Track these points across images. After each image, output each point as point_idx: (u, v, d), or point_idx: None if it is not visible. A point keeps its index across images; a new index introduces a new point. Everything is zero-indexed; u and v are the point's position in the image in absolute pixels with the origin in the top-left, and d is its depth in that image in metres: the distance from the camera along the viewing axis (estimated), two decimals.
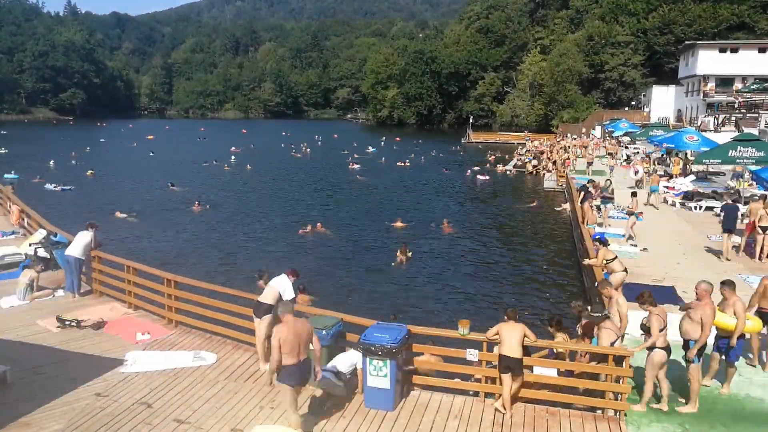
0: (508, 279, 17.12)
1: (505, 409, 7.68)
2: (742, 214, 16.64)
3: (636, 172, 27.90)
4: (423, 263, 18.41)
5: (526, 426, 7.47)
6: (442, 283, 16.49)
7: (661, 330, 7.82)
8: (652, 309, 7.91)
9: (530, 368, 8.04)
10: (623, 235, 17.59)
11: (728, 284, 8.51)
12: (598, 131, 61.26)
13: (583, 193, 19.91)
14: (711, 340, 8.24)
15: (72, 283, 12.27)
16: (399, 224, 23.70)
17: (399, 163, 46.40)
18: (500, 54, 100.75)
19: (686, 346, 8.00)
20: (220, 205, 28.65)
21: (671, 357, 9.38)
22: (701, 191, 24.24)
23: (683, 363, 8.23)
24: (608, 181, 22.12)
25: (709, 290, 7.89)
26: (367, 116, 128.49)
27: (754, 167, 20.49)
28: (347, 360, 8.22)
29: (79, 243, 12.29)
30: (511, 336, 7.69)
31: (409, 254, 18.76)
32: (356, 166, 44.57)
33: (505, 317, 8.01)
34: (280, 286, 9.06)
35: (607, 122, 56.73)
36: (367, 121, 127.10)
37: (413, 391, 8.34)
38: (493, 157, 48.10)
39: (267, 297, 8.96)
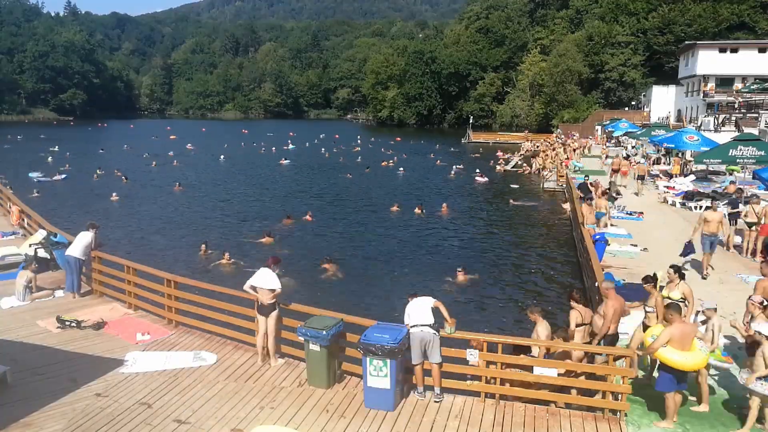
0: (506, 278, 17.11)
1: None
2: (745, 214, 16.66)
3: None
4: (420, 262, 18.40)
5: (526, 426, 7.47)
6: (440, 282, 16.46)
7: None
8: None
9: (530, 368, 8.04)
10: (624, 235, 17.59)
11: (673, 307, 7.64)
12: (598, 131, 61.27)
13: (582, 193, 19.93)
14: None
15: (72, 283, 12.28)
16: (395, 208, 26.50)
17: (383, 163, 46.91)
18: (500, 54, 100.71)
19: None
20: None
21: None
22: (701, 191, 24.23)
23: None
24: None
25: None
26: (368, 116, 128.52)
27: (754, 167, 20.50)
28: (427, 307, 8.16)
29: (80, 243, 12.30)
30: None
31: (424, 211, 25.43)
32: (285, 161, 47.40)
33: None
34: (264, 281, 9.01)
35: (607, 122, 56.72)
36: (368, 122, 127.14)
37: (413, 391, 8.34)
38: (503, 157, 48.15)
39: (264, 298, 8.99)
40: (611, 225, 18.88)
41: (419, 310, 8.10)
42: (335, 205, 29.00)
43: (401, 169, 42.96)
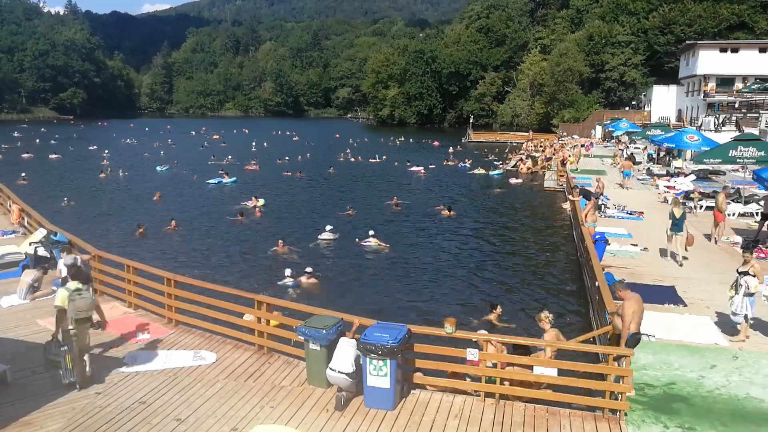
0: (506, 278, 17.10)
1: None
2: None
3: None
4: (419, 262, 18.40)
5: (526, 426, 7.46)
6: (438, 281, 16.47)
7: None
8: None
9: (530, 368, 8.03)
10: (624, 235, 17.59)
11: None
12: (598, 131, 61.34)
13: (583, 193, 19.88)
14: None
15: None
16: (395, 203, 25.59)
17: (372, 160, 48.68)
18: (501, 54, 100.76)
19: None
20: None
21: (668, 357, 9.41)
22: (701, 191, 24.22)
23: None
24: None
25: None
26: (368, 116, 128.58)
27: (754, 167, 20.47)
28: (350, 355, 8.08)
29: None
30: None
31: (453, 213, 22.95)
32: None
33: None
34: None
35: (608, 122, 56.74)
36: (368, 121, 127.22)
37: (413, 390, 8.34)
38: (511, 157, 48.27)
39: None
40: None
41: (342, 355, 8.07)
42: (337, 207, 28.97)
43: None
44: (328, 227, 21.64)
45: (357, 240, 20.67)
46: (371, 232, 20.81)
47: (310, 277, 15.78)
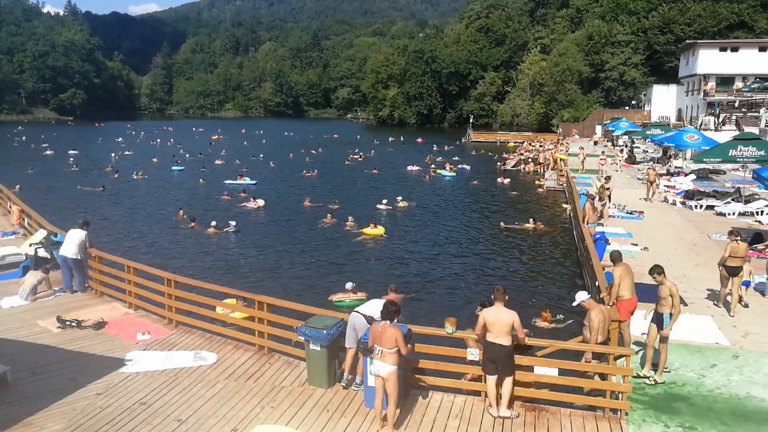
0: (506, 277, 17.11)
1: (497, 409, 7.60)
2: None
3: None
4: (417, 261, 18.41)
5: (527, 426, 7.47)
6: (438, 281, 16.47)
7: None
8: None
9: (530, 368, 8.03)
10: (624, 234, 17.60)
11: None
12: (598, 131, 61.33)
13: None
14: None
15: (68, 282, 12.46)
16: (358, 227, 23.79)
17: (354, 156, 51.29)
18: (500, 53, 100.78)
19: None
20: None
21: (668, 356, 9.40)
22: (702, 190, 24.23)
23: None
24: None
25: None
26: (368, 116, 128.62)
27: (754, 166, 20.45)
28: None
29: (72, 242, 12.33)
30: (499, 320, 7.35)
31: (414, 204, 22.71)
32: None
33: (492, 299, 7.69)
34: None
35: (608, 121, 56.72)
36: (368, 121, 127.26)
37: (413, 390, 8.33)
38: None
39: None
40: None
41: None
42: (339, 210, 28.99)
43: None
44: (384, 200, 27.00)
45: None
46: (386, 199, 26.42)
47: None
